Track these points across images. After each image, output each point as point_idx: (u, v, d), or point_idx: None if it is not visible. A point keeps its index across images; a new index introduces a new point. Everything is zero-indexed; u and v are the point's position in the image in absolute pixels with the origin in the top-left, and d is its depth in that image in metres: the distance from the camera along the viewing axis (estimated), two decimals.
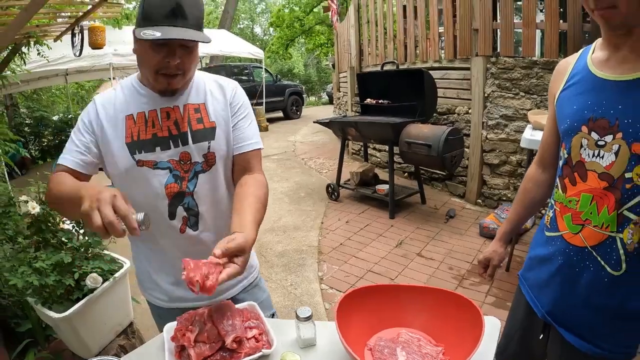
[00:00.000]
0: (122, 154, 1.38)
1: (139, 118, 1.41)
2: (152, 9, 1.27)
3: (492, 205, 5.27)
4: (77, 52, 5.76)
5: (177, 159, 1.42)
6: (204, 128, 1.45)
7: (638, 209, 1.13)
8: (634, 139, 1.10)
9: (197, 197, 1.45)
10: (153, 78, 1.36)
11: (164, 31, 1.25)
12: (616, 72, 1.17)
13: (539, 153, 1.56)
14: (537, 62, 4.84)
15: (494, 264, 1.66)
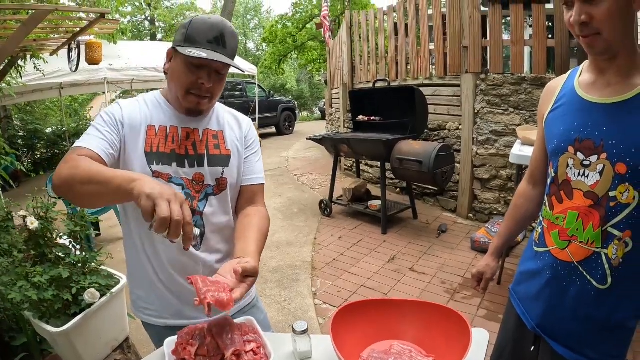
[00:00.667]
0: (139, 162, 1.39)
1: (160, 131, 1.44)
2: (198, 32, 1.36)
3: (483, 220, 5.33)
4: (74, 67, 5.78)
5: (190, 178, 1.45)
6: (220, 154, 1.51)
7: (622, 225, 1.18)
8: (618, 159, 1.16)
9: (206, 217, 1.48)
10: (183, 96, 1.42)
11: (209, 53, 1.33)
12: (601, 95, 1.23)
13: (529, 170, 1.62)
14: (526, 78, 4.94)
15: (487, 277, 1.69)
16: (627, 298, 1.23)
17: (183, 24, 1.41)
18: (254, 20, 45.61)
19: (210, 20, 1.39)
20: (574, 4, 1.15)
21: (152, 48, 12.92)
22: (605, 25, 1.12)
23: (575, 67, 1.40)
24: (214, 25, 1.38)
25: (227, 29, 1.40)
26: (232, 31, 1.42)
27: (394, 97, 5.75)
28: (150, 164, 1.40)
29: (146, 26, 32.36)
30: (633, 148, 1.14)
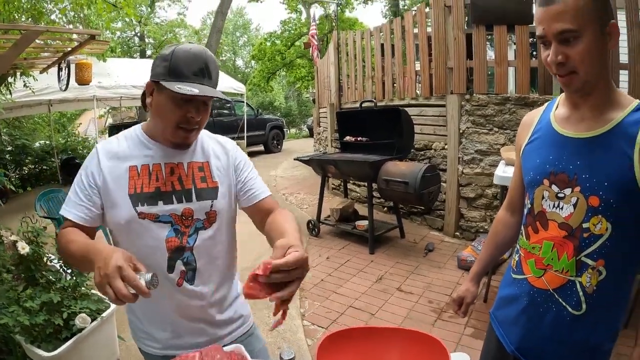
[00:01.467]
0: (124, 206, 1.39)
1: (143, 170, 1.43)
2: (183, 65, 1.35)
3: (470, 238, 5.38)
4: (63, 86, 5.79)
5: (179, 214, 1.44)
6: (207, 187, 1.50)
7: (595, 255, 1.22)
8: (591, 192, 1.21)
9: (197, 252, 1.47)
10: (172, 131, 1.41)
11: (198, 88, 1.33)
12: (576, 130, 1.28)
13: (508, 198, 1.68)
14: (510, 98, 5.03)
15: (467, 302, 1.73)
16: (602, 323, 1.28)
17: (163, 55, 1.38)
18: (243, 38, 45.87)
19: (192, 50, 1.37)
20: (551, 44, 1.19)
21: (141, 65, 12.95)
22: (582, 64, 1.17)
23: (553, 99, 1.46)
24: (197, 56, 1.37)
25: (210, 59, 1.39)
26: (213, 59, 1.42)
27: (381, 118, 5.82)
28: (135, 206, 1.39)
29: (136, 42, 32.38)
30: (605, 182, 1.19)
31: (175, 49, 1.37)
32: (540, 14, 1.20)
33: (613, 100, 1.25)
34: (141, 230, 1.40)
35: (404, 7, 25.34)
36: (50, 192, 5.41)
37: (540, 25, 1.21)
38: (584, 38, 1.15)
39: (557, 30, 1.16)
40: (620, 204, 1.19)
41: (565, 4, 1.14)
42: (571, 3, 1.14)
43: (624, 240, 1.22)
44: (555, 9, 1.16)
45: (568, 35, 1.15)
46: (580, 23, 1.14)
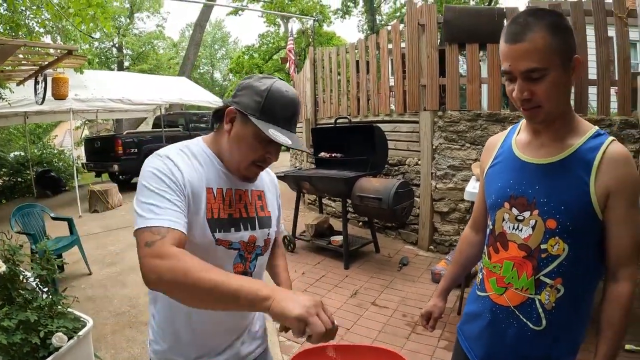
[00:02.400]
0: (201, 229, 1.33)
1: (218, 194, 1.40)
2: (276, 108, 1.32)
3: (444, 251, 5.46)
4: (40, 100, 5.75)
5: (246, 240, 1.45)
6: (265, 216, 1.54)
7: (553, 274, 1.29)
8: (548, 215, 1.28)
9: (254, 276, 1.49)
10: (246, 166, 1.39)
11: (288, 135, 1.32)
12: (535, 155, 1.35)
13: (472, 217, 1.75)
14: (481, 114, 5.16)
15: (435, 316, 1.78)
16: (562, 338, 1.34)
17: (256, 89, 1.33)
18: (221, 50, 45.84)
19: (288, 95, 1.34)
20: (517, 79, 1.24)
21: (118, 78, 12.86)
22: (546, 99, 1.23)
23: (516, 124, 1.53)
24: (290, 102, 1.35)
25: (299, 107, 1.40)
26: (299, 104, 1.41)
27: (355, 134, 5.91)
28: (213, 232, 1.35)
29: (114, 53, 32.14)
30: (562, 206, 1.26)
31: (272, 88, 1.32)
32: (506, 51, 1.24)
33: (572, 128, 1.32)
34: (213, 256, 1.33)
35: (380, 22, 25.69)
36: (26, 207, 5.32)
37: (506, 62, 1.25)
38: (549, 75, 1.20)
39: (525, 68, 1.20)
40: (576, 227, 1.26)
41: (532, 43, 1.18)
42: (538, 42, 1.18)
43: (581, 260, 1.28)
44: (522, 48, 1.20)
45: (535, 73, 1.20)
46: (546, 61, 1.19)
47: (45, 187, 11.67)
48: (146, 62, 31.81)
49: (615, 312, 1.27)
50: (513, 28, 1.23)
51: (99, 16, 5.10)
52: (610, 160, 1.24)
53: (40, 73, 5.37)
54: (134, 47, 32.44)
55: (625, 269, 1.27)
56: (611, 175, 1.23)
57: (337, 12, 25.77)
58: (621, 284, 1.27)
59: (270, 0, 23.50)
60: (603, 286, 1.33)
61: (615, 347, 1.27)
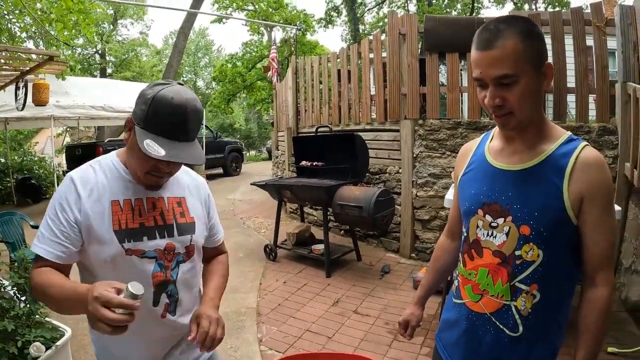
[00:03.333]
0: (109, 242, 1.35)
1: (126, 205, 1.40)
2: (159, 116, 1.29)
3: (425, 259, 5.47)
4: (20, 106, 5.69)
5: (162, 248, 1.44)
6: (186, 222, 1.52)
7: (528, 280, 1.29)
8: (522, 222, 1.28)
9: (179, 284, 1.48)
10: (143, 176, 1.40)
11: (167, 148, 1.28)
12: (508, 162, 1.36)
13: (448, 225, 1.75)
14: (462, 123, 5.22)
15: (412, 325, 1.77)
16: (540, 343, 1.34)
17: (145, 96, 1.32)
18: (204, 58, 45.70)
19: (173, 102, 1.29)
20: (488, 86, 1.25)
21: (100, 85, 12.74)
22: (518, 106, 1.23)
23: (488, 131, 1.53)
24: (175, 110, 1.29)
25: (190, 113, 1.32)
26: (196, 112, 1.34)
27: (336, 143, 5.93)
28: (122, 242, 1.37)
29: (96, 60, 31.88)
30: (535, 212, 1.26)
31: (157, 96, 1.30)
32: (477, 57, 1.25)
33: (545, 134, 1.33)
34: (128, 267, 1.38)
35: (364, 31, 25.87)
36: (6, 215, 5.22)
37: (477, 68, 1.25)
38: (520, 81, 1.20)
39: (496, 75, 1.21)
40: (550, 233, 1.26)
41: (503, 49, 1.19)
42: (509, 49, 1.19)
43: (556, 266, 1.29)
44: (493, 54, 1.20)
45: (506, 80, 1.21)
46: (518, 68, 1.19)
47: (25, 195, 11.51)
48: (129, 70, 31.63)
49: (594, 317, 1.27)
50: (484, 35, 1.24)
51: (81, 22, 5.06)
52: (583, 165, 1.24)
53: (22, 78, 5.32)
54: (117, 54, 32.24)
55: (602, 274, 1.28)
56: (584, 180, 1.23)
57: (320, 21, 25.89)
58: (599, 289, 1.27)
59: (254, 9, 23.54)
60: (580, 291, 1.33)
61: (595, 352, 1.28)
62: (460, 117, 5.47)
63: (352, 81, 6.80)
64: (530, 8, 21.64)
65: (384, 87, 6.04)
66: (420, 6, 23.47)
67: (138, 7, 29.89)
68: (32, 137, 20.73)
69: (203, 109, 1.42)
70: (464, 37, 5.21)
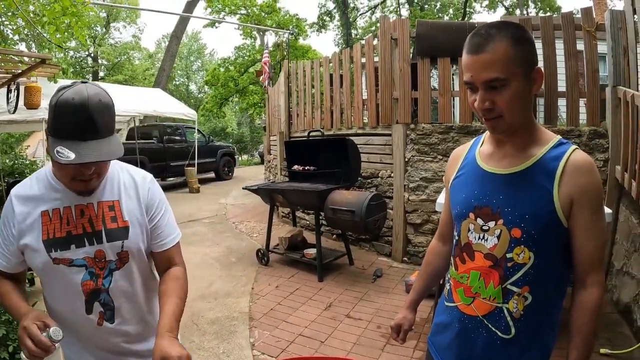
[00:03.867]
0: (38, 251, 1.39)
1: (54, 215, 1.41)
2: (63, 122, 1.27)
3: (417, 262, 5.47)
4: (12, 109, 5.65)
5: (92, 256, 1.42)
6: (117, 227, 1.47)
7: (520, 283, 1.29)
8: (513, 225, 1.29)
9: (112, 293, 1.47)
10: (69, 183, 1.40)
11: (77, 150, 1.24)
12: (499, 166, 1.37)
13: (439, 228, 1.75)
14: (453, 127, 5.24)
15: (405, 329, 1.76)
16: (532, 345, 1.34)
17: (51, 104, 1.29)
18: (197, 62, 45.65)
19: (74, 102, 1.26)
20: (478, 90, 1.26)
21: None
22: (507, 109, 1.24)
23: (479, 135, 1.54)
24: (78, 108, 1.26)
25: (94, 109, 1.28)
26: (101, 107, 1.30)
27: (328, 147, 5.92)
28: (49, 252, 1.39)
29: (89, 63, 31.77)
30: (526, 215, 1.27)
31: (59, 100, 1.27)
32: (468, 61, 1.26)
33: (535, 138, 1.33)
34: (57, 275, 1.41)
35: (356, 36, 25.97)
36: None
37: (468, 72, 1.26)
38: (510, 85, 1.21)
39: (486, 78, 1.22)
40: (541, 235, 1.27)
41: (493, 53, 1.20)
42: (500, 53, 1.20)
43: (547, 268, 1.29)
44: (483, 58, 1.22)
45: (496, 83, 1.22)
46: (508, 72, 1.20)
47: None
48: (121, 73, 31.59)
49: (585, 318, 1.28)
50: (475, 40, 1.25)
51: (73, 25, 5.03)
52: (573, 168, 1.25)
53: (13, 81, 5.28)
54: (109, 57, 32.20)
55: (593, 276, 1.29)
56: (574, 183, 1.24)
57: (313, 25, 26.00)
58: (590, 291, 1.28)
59: (247, 13, 23.57)
60: (572, 293, 1.34)
61: (587, 353, 1.28)
62: (451, 122, 5.49)
63: (344, 85, 6.81)
64: (522, 13, 21.82)
65: (376, 91, 6.05)
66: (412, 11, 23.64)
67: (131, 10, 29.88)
68: (23, 141, 20.54)
69: (111, 101, 1.36)
70: (455, 42, 5.23)
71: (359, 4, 27.34)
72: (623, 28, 4.33)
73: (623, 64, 4.32)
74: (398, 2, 26.59)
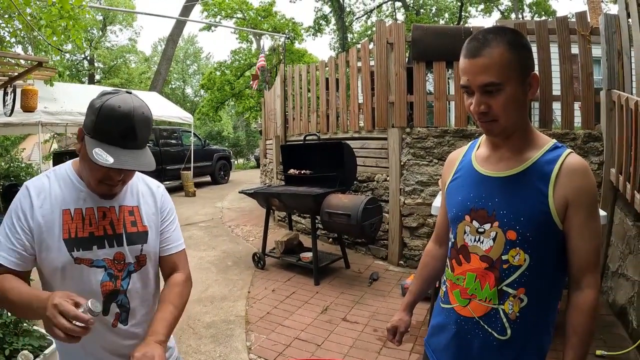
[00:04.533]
0: (58, 250, 1.38)
1: (76, 214, 1.43)
2: (107, 125, 1.31)
3: (413, 266, 5.48)
4: (8, 112, 5.66)
5: (111, 258, 1.45)
6: (137, 231, 1.52)
7: (515, 284, 1.31)
8: (508, 227, 1.31)
9: (130, 295, 1.49)
10: (95, 184, 1.42)
11: (116, 156, 1.30)
12: (494, 169, 1.38)
13: (435, 231, 1.76)
14: (449, 130, 5.26)
15: (401, 331, 1.77)
16: (528, 346, 1.35)
17: (93, 106, 1.34)
18: (193, 66, 45.62)
19: (120, 110, 1.31)
20: (474, 93, 1.28)
21: (88, 92, 12.69)
22: (502, 113, 1.26)
23: (475, 139, 1.56)
24: (123, 116, 1.31)
25: (138, 120, 1.34)
26: (144, 119, 1.37)
27: (324, 151, 5.95)
28: (71, 251, 1.39)
29: (85, 66, 31.72)
30: (521, 217, 1.29)
31: (104, 105, 1.32)
32: (465, 65, 1.28)
33: (530, 141, 1.36)
34: (76, 275, 1.40)
35: (352, 40, 26.03)
36: None
37: (464, 76, 1.28)
38: (506, 90, 1.24)
39: (482, 82, 1.24)
40: (536, 237, 1.28)
41: (490, 58, 1.23)
42: (496, 57, 1.23)
43: (542, 270, 1.31)
44: (480, 62, 1.24)
45: (492, 87, 1.24)
46: (504, 76, 1.23)
47: None
48: (118, 76, 31.56)
49: (581, 320, 1.29)
50: (472, 44, 1.27)
51: (70, 28, 5.03)
52: (567, 171, 1.27)
53: (10, 84, 5.28)
54: (105, 61, 32.17)
55: (588, 277, 1.30)
56: (569, 186, 1.26)
57: (309, 29, 26.04)
58: (585, 292, 1.29)
59: (243, 17, 23.58)
60: (567, 294, 1.35)
61: (583, 354, 1.30)
62: (447, 125, 5.51)
63: (340, 89, 6.82)
64: (517, 17, 21.93)
65: (372, 95, 6.06)
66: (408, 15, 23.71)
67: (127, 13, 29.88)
68: (19, 144, 20.55)
69: (151, 115, 1.43)
70: (451, 46, 5.30)
71: (354, 8, 27.47)
72: (617, 32, 4.37)
73: (617, 68, 4.36)
74: (394, 7, 26.71)
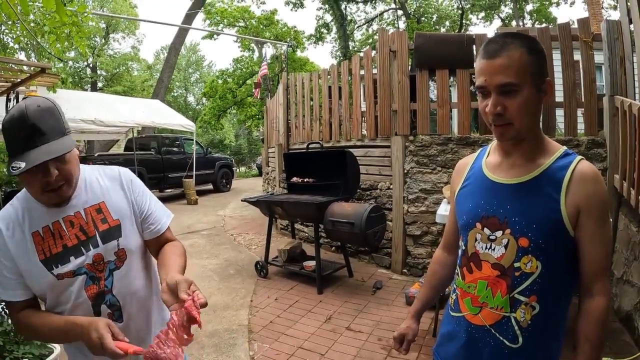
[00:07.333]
0: (39, 272, 1.39)
1: (45, 233, 1.41)
2: (11, 137, 1.30)
3: (417, 274, 5.46)
4: None
5: (90, 262, 1.44)
6: (109, 227, 1.50)
7: (527, 292, 1.30)
8: (520, 234, 1.30)
9: (117, 292, 1.48)
10: (41, 198, 1.39)
11: (27, 159, 1.27)
12: (506, 176, 1.38)
13: (444, 238, 1.75)
14: (452, 138, 5.25)
15: (408, 339, 1.76)
16: (539, 354, 1.34)
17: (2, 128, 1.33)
18: (195, 74, 45.82)
19: (14, 117, 1.30)
20: (490, 94, 1.28)
21: (91, 99, 12.74)
22: (517, 116, 1.26)
23: (485, 146, 1.55)
24: (18, 120, 1.30)
25: (33, 116, 1.31)
26: (40, 111, 1.33)
27: (327, 159, 5.92)
28: (51, 270, 1.39)
29: (87, 73, 31.86)
30: (534, 224, 1.28)
31: (4, 122, 1.31)
32: (482, 66, 1.29)
33: (541, 148, 1.35)
34: (63, 289, 1.41)
35: (353, 48, 26.11)
36: None
37: (481, 77, 1.29)
38: (523, 92, 1.24)
39: (500, 82, 1.25)
40: (548, 244, 1.27)
41: (509, 58, 1.24)
42: (515, 58, 1.24)
43: (554, 277, 1.30)
44: (499, 63, 1.25)
45: (509, 87, 1.24)
46: (522, 78, 1.24)
47: None
48: (120, 84, 31.73)
49: (592, 326, 1.28)
50: (491, 46, 1.28)
51: (74, 35, 5.04)
52: (579, 178, 1.27)
53: (13, 90, 5.29)
54: (108, 68, 32.35)
55: (599, 284, 1.29)
56: (581, 193, 1.26)
57: (310, 38, 26.13)
58: (597, 299, 1.29)
59: (245, 25, 23.70)
60: (578, 301, 1.34)
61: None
62: (450, 133, 5.50)
63: (342, 97, 6.83)
64: (518, 24, 21.98)
65: (375, 103, 6.07)
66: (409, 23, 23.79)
67: (130, 21, 30.04)
68: None
69: (53, 104, 1.38)
70: (453, 53, 5.32)
71: (356, 17, 27.58)
72: (619, 38, 4.37)
73: (620, 74, 4.36)
74: (396, 15, 26.80)
